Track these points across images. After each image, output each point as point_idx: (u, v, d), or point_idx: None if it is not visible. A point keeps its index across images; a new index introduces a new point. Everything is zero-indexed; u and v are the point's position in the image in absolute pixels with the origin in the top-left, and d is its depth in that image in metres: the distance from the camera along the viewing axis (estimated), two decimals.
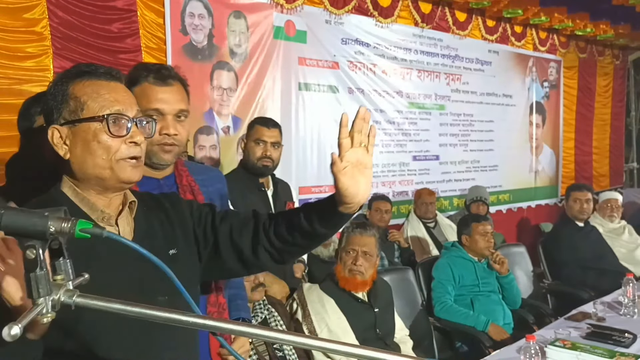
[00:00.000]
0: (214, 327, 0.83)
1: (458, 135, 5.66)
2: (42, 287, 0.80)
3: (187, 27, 3.62)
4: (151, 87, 1.46)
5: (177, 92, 1.49)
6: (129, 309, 0.82)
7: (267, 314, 2.34)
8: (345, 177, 1.11)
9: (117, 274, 1.11)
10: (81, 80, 1.15)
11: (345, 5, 4.48)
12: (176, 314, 0.82)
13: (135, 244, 0.86)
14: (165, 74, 1.48)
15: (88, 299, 0.82)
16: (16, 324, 0.74)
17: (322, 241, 1.31)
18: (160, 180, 1.56)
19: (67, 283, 0.83)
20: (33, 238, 0.81)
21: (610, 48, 7.53)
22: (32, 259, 0.80)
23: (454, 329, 3.26)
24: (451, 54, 5.49)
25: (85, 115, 1.12)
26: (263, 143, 2.70)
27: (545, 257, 4.24)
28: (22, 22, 2.86)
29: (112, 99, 1.14)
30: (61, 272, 0.84)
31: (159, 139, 1.45)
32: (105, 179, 1.14)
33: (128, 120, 1.14)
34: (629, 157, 8.27)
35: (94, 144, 1.12)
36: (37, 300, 0.79)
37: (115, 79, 1.18)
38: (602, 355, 2.22)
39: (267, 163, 2.70)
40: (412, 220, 4.68)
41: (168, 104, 1.46)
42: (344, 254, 2.61)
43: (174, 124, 1.47)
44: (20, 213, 0.81)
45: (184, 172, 1.63)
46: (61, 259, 0.84)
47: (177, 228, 1.28)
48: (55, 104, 1.14)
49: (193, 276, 1.29)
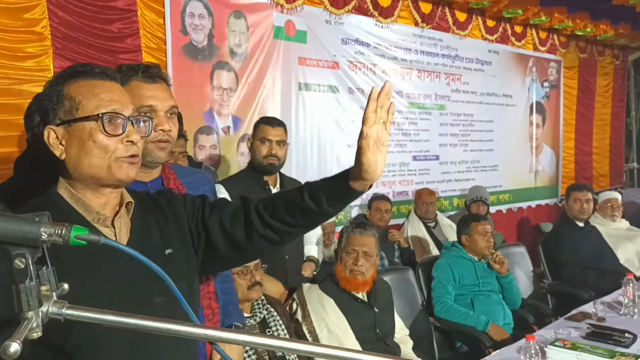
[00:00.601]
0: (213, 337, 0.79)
1: (458, 135, 5.66)
2: (32, 299, 0.73)
3: (187, 27, 3.62)
4: (140, 84, 1.46)
5: (165, 89, 1.50)
6: (122, 320, 0.76)
7: (266, 313, 2.33)
8: (370, 151, 1.13)
9: (113, 276, 1.10)
10: (76, 80, 1.15)
11: (345, 5, 4.49)
12: (173, 325, 0.77)
13: (132, 250, 0.83)
14: (153, 72, 1.48)
15: (79, 311, 0.76)
16: (14, 341, 0.68)
17: (327, 219, 1.30)
18: (147, 184, 1.54)
19: (52, 294, 0.76)
20: (22, 246, 0.74)
21: (611, 48, 7.53)
22: (22, 268, 0.73)
23: (454, 329, 3.26)
24: (451, 54, 5.49)
25: (81, 115, 1.12)
26: (268, 142, 2.73)
27: (546, 257, 4.24)
28: (23, 22, 2.86)
29: (107, 98, 1.13)
30: (45, 282, 0.76)
31: (153, 135, 1.44)
32: (101, 178, 1.13)
33: (124, 119, 1.14)
34: (629, 157, 8.27)
35: (90, 144, 1.11)
36: (27, 314, 0.72)
37: (110, 78, 1.18)
38: (602, 355, 2.22)
39: (273, 161, 2.73)
40: (412, 220, 4.68)
41: (160, 101, 1.46)
42: (344, 254, 2.61)
43: (167, 120, 1.47)
44: (8, 219, 0.74)
45: (171, 175, 1.61)
46: (44, 267, 0.76)
47: (172, 225, 1.28)
48: (50, 105, 1.14)
49: (191, 273, 1.28)
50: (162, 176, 1.60)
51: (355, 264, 2.57)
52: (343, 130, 4.59)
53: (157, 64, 1.57)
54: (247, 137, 3.94)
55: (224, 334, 0.80)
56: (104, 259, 1.09)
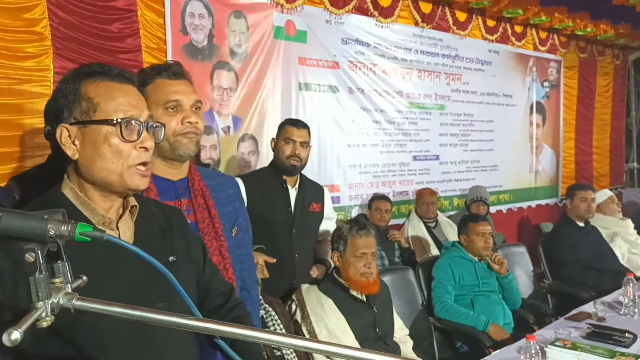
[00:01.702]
0: (214, 330, 0.82)
1: (458, 135, 5.66)
2: (41, 290, 0.79)
3: (187, 27, 3.62)
4: (165, 82, 1.54)
5: (189, 85, 1.58)
6: (129, 312, 0.81)
7: (264, 313, 2.33)
8: None
9: (114, 280, 1.10)
10: (94, 80, 1.14)
11: (345, 5, 4.48)
12: (176, 317, 0.81)
13: (136, 247, 0.85)
14: (176, 70, 1.56)
15: (87, 302, 0.81)
16: (16, 329, 0.73)
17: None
18: (175, 183, 1.59)
19: (66, 286, 0.82)
20: (32, 241, 0.80)
21: (611, 48, 7.52)
22: (32, 262, 0.79)
23: (454, 329, 3.26)
24: (451, 54, 5.49)
25: (98, 117, 1.11)
26: (292, 142, 2.77)
27: (546, 257, 4.24)
28: (22, 22, 2.86)
29: (126, 102, 1.13)
30: (60, 274, 0.82)
31: (181, 128, 1.52)
32: (112, 183, 1.13)
33: (140, 125, 1.13)
34: (629, 157, 8.27)
35: (105, 147, 1.11)
36: (37, 304, 0.78)
37: (128, 81, 1.17)
38: (602, 355, 2.22)
39: (295, 162, 2.77)
40: (413, 220, 4.68)
41: (185, 95, 1.54)
42: (353, 258, 2.59)
43: (193, 113, 1.54)
44: (18, 216, 0.80)
45: (196, 177, 1.65)
46: (59, 261, 0.83)
47: (178, 239, 1.29)
48: (65, 103, 1.13)
49: (190, 287, 1.28)
50: (188, 176, 1.64)
51: (369, 267, 2.57)
52: (343, 130, 4.59)
53: (178, 61, 1.63)
54: (247, 137, 3.97)
55: (226, 328, 0.81)
56: (107, 261, 1.09)
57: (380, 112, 4.87)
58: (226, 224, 1.70)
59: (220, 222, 1.66)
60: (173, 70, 1.55)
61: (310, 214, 2.89)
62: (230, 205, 1.75)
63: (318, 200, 2.95)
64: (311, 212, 2.90)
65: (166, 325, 0.81)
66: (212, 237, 1.63)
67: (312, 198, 2.91)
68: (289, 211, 2.79)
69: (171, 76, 1.55)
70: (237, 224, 1.78)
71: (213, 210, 1.65)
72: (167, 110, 1.53)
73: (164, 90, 1.53)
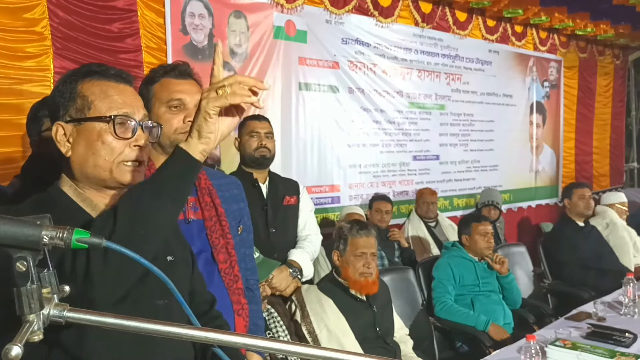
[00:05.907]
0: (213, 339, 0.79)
1: (458, 135, 5.66)
2: (33, 302, 0.73)
3: (187, 27, 3.62)
4: (170, 80, 1.58)
5: (194, 85, 1.61)
6: (123, 323, 0.76)
7: (266, 314, 2.33)
8: None
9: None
10: (91, 79, 1.15)
11: (345, 5, 4.48)
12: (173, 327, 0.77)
13: (135, 254, 0.81)
14: (182, 70, 1.59)
15: (79, 314, 0.76)
16: (15, 345, 0.68)
17: None
18: None
19: (54, 296, 0.76)
20: (23, 249, 0.73)
21: (611, 48, 7.52)
22: (23, 271, 0.73)
23: (454, 328, 3.26)
24: (451, 54, 5.49)
25: (92, 115, 1.12)
26: (257, 134, 2.73)
27: (546, 257, 4.24)
28: (23, 22, 2.86)
29: (120, 100, 1.14)
30: (47, 284, 0.75)
31: (182, 126, 1.53)
32: (104, 179, 1.14)
33: (135, 123, 1.14)
34: (630, 157, 8.26)
35: (98, 144, 1.12)
36: (28, 317, 0.72)
37: (125, 81, 1.18)
38: (602, 355, 2.22)
39: (264, 152, 2.72)
40: (413, 220, 4.68)
41: (189, 95, 1.56)
42: (353, 258, 2.59)
43: None
44: (10, 222, 0.73)
45: (202, 175, 1.66)
46: (46, 270, 0.76)
47: (175, 240, 1.30)
48: (62, 101, 1.14)
49: (185, 287, 1.30)
50: None
51: (368, 266, 2.57)
52: (343, 130, 4.59)
53: (186, 62, 1.66)
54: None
55: (224, 337, 0.79)
56: None
57: (380, 112, 4.87)
58: (232, 222, 1.71)
59: (227, 220, 1.68)
60: (180, 70, 1.59)
61: (285, 207, 2.78)
62: (236, 205, 1.77)
63: (292, 193, 2.84)
64: (286, 205, 2.79)
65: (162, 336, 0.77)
66: (219, 235, 1.65)
67: (285, 191, 2.81)
68: (264, 210, 2.70)
69: (177, 76, 1.58)
70: (243, 223, 1.81)
71: (220, 208, 1.67)
72: (169, 109, 1.55)
73: (169, 89, 1.56)
